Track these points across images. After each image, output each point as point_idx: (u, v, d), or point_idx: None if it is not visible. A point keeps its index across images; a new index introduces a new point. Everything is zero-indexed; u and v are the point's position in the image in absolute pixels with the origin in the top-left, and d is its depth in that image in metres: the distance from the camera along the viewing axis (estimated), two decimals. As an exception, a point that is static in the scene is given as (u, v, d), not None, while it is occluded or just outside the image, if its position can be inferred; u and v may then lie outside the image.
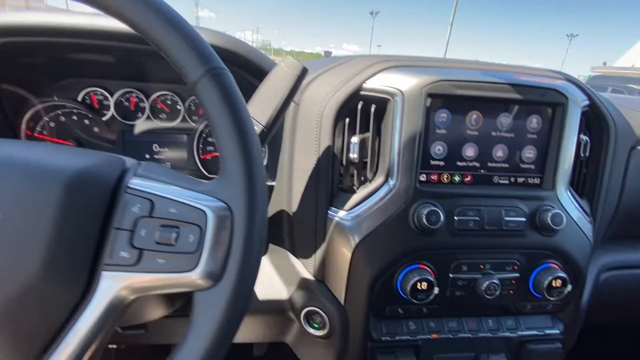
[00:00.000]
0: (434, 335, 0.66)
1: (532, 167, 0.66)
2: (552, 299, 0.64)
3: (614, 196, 0.75)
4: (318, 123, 0.63)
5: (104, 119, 0.82)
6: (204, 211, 0.34)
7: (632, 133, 0.75)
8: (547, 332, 0.70)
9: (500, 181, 0.65)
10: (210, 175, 0.87)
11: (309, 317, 0.70)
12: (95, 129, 0.82)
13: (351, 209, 0.63)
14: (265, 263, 0.78)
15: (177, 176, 0.38)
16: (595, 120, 0.70)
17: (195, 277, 0.33)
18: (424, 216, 0.59)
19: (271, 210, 0.74)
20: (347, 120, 0.64)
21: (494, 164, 0.65)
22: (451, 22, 29.60)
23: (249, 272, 0.34)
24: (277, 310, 0.76)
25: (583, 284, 0.70)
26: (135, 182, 0.36)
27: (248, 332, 0.82)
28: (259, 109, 0.51)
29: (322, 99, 0.63)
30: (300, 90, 0.67)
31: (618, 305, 0.88)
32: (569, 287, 0.64)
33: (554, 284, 0.63)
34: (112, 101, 0.81)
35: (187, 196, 0.35)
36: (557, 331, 0.70)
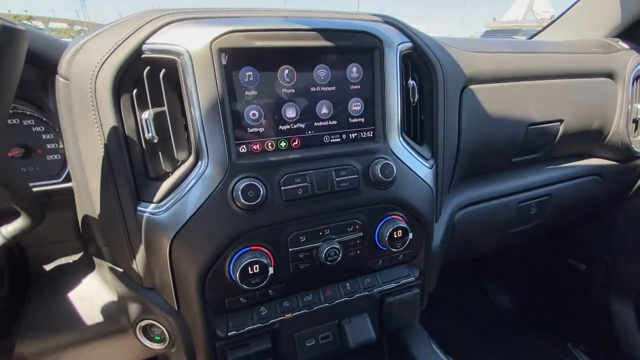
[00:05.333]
0: (288, 315, 0.62)
1: (362, 120, 0.62)
2: (395, 250, 0.63)
3: (452, 138, 0.76)
4: (93, 99, 0.50)
5: None
6: None
7: (461, 73, 0.76)
8: (403, 281, 0.70)
9: (332, 140, 0.60)
10: None
11: (147, 330, 0.60)
12: None
13: (163, 199, 0.53)
14: (96, 282, 0.65)
15: None
16: (421, 63, 0.68)
17: None
18: (240, 193, 0.51)
19: (79, 217, 0.60)
20: (135, 91, 0.52)
21: (321, 123, 0.59)
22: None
23: None
24: (121, 330, 0.64)
25: (430, 228, 0.71)
26: None
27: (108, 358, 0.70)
28: None
29: (93, 67, 0.50)
30: (67, 62, 0.52)
31: (474, 240, 0.95)
32: (410, 235, 0.64)
33: (395, 235, 0.62)
34: None
35: None
36: (413, 278, 0.71)
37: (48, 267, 0.65)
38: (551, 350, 1.38)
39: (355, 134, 0.62)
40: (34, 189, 0.58)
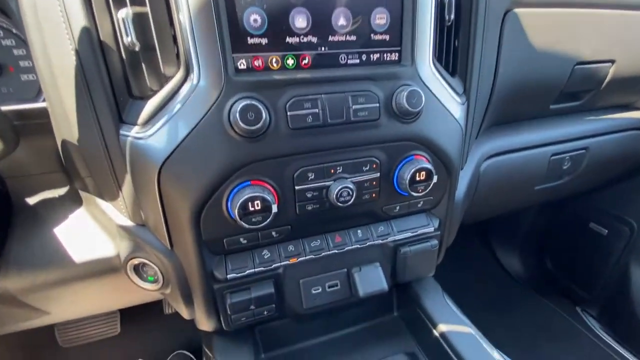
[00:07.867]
0: (293, 260, 0.56)
1: (387, 37, 0.51)
2: (416, 194, 0.55)
3: (489, 73, 0.65)
4: None
5: None
6: None
7: None
8: (421, 231, 0.64)
9: (349, 61, 0.50)
10: None
11: (139, 270, 0.56)
12: None
13: (148, 121, 0.45)
14: (84, 218, 0.60)
15: None
16: None
17: None
18: (238, 114, 0.43)
19: (58, 143, 0.53)
20: None
21: (337, 38, 0.49)
22: None
23: None
24: (113, 269, 0.60)
25: (456, 174, 0.63)
26: None
27: (98, 300, 0.67)
28: None
29: None
30: None
31: (497, 195, 0.87)
32: (435, 179, 0.56)
33: (417, 177, 0.54)
34: None
35: None
36: (432, 228, 0.65)
37: (31, 201, 0.59)
38: (560, 314, 1.35)
39: (378, 55, 0.52)
40: (4, 108, 0.51)
